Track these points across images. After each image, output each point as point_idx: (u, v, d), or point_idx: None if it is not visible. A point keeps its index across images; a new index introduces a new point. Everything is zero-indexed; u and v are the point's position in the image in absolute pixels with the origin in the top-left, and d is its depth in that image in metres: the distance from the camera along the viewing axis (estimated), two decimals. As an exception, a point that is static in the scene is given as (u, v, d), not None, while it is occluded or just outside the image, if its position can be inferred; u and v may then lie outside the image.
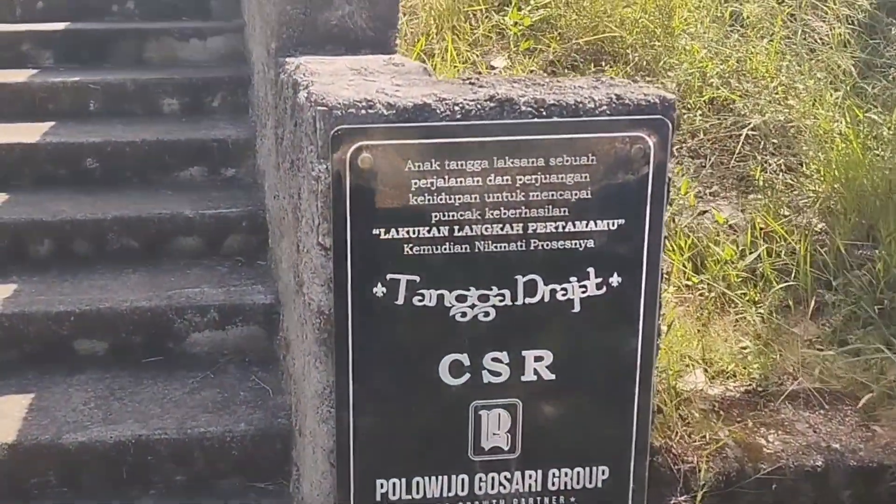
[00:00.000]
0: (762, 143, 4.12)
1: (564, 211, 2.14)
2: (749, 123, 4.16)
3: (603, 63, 4.46)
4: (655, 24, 4.54)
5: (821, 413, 2.95)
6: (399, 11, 2.97)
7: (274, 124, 2.99)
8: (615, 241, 2.17)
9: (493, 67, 4.40)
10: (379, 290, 2.15)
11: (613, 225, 2.16)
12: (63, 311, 3.19)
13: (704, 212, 3.83)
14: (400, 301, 2.16)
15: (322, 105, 2.07)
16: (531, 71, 4.33)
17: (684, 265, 3.45)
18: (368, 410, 2.23)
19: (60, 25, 4.73)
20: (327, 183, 2.08)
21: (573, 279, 2.19)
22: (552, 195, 2.12)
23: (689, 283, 3.44)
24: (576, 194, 2.13)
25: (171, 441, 2.82)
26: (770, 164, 4.04)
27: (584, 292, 2.20)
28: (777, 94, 4.32)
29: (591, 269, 2.19)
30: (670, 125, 2.11)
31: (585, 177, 2.12)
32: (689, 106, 4.27)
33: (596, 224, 2.16)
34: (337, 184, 2.07)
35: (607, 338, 2.26)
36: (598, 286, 2.20)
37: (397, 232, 2.11)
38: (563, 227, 2.15)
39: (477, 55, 4.45)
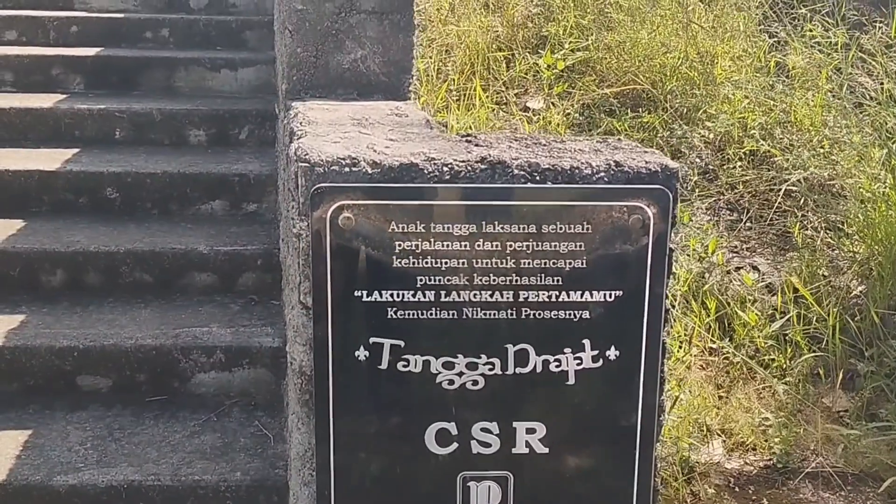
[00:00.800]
0: (803, 199, 3.96)
1: (557, 280, 2.02)
2: (790, 178, 3.99)
3: (640, 109, 4.34)
4: (696, 72, 4.40)
5: (841, 495, 2.77)
6: (413, 57, 2.89)
7: (282, 167, 2.93)
8: (612, 313, 2.05)
9: (527, 109, 4.29)
10: (361, 353, 2.05)
11: (610, 296, 2.04)
12: (67, 345, 3.15)
13: (739, 268, 3.67)
14: (383, 366, 2.06)
15: (304, 161, 1.98)
16: (567, 114, 4.21)
17: (710, 327, 3.29)
18: (351, 477, 2.13)
19: (92, 51, 4.73)
20: (308, 241, 1.99)
21: (567, 350, 2.07)
22: (544, 263, 2.01)
23: (714, 346, 3.28)
24: (570, 263, 2.01)
25: (164, 488, 2.75)
26: (810, 222, 3.87)
27: (578, 364, 2.08)
28: (821, 148, 4.15)
29: (586, 341, 2.07)
30: (671, 195, 1.99)
31: (580, 245, 2.01)
32: (728, 157, 4.12)
33: (591, 295, 2.04)
34: (317, 243, 1.98)
35: (604, 412, 2.13)
36: (595, 359, 2.08)
37: (380, 295, 2.01)
38: (557, 297, 2.03)
39: (513, 96, 4.35)
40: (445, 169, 1.99)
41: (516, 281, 2.02)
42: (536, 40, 4.60)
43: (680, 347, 3.23)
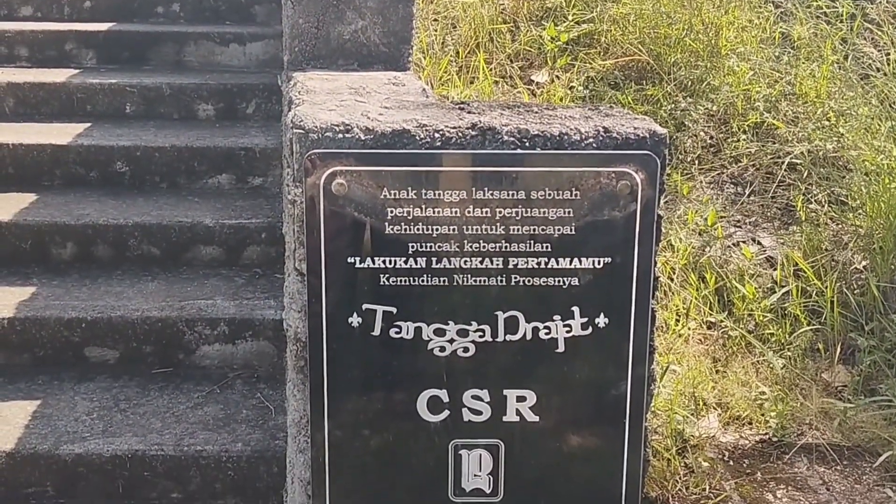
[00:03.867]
0: (807, 172, 3.93)
1: (547, 246, 2.04)
2: (794, 151, 3.97)
3: (644, 82, 4.33)
4: (701, 44, 4.37)
5: (837, 469, 2.76)
6: (413, 28, 2.90)
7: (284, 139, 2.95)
8: (601, 281, 2.07)
9: (531, 82, 4.29)
10: (355, 319, 2.08)
11: (599, 263, 2.06)
12: (75, 317, 3.18)
13: (741, 242, 3.66)
14: (376, 332, 2.08)
15: (299, 128, 2.01)
16: (570, 87, 4.21)
17: (709, 300, 3.29)
18: (345, 444, 2.16)
19: (104, 26, 4.75)
20: (302, 207, 2.02)
21: (557, 318, 2.09)
22: (534, 230, 2.03)
23: (713, 320, 3.28)
24: (559, 229, 2.03)
25: (167, 457, 2.78)
26: (814, 195, 3.85)
27: (568, 332, 2.10)
28: (826, 121, 4.12)
29: (575, 309, 2.09)
30: (658, 161, 2.00)
31: (569, 212, 2.02)
32: (732, 130, 4.10)
33: (580, 262, 2.05)
34: (311, 209, 2.01)
35: (594, 381, 2.15)
36: (584, 326, 2.10)
37: (373, 261, 2.04)
38: (546, 264, 2.05)
39: (517, 69, 4.35)
40: (437, 135, 2.01)
41: (506, 248, 2.04)
42: (541, 13, 4.58)
43: (678, 321, 3.24)
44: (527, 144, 2.00)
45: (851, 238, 3.70)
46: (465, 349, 2.10)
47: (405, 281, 2.05)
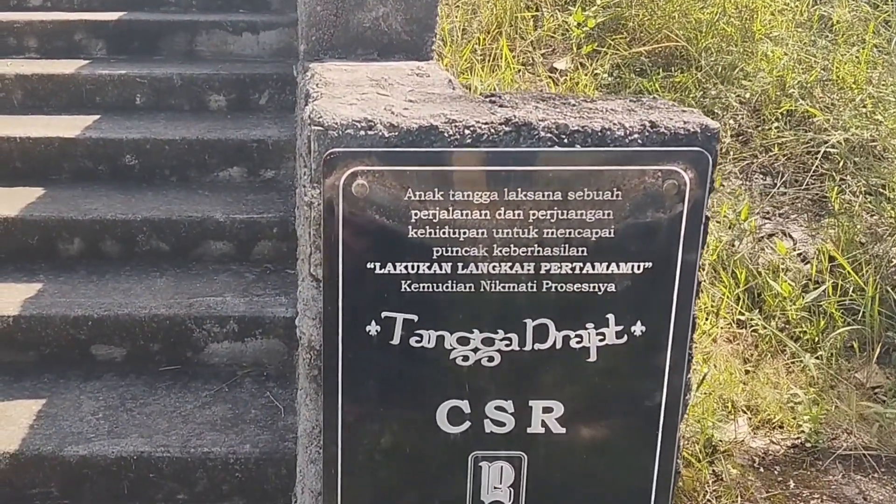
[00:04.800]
0: (842, 161, 3.76)
1: (583, 251, 1.91)
2: (830, 139, 3.81)
3: (672, 68, 4.17)
4: (734, 28, 4.20)
5: (874, 477, 2.61)
6: (437, 15, 2.76)
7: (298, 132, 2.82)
8: (640, 286, 1.94)
9: (554, 69, 4.14)
10: (373, 328, 1.95)
11: (639, 268, 1.92)
12: (81, 315, 3.09)
13: (772, 235, 3.51)
14: (395, 341, 1.96)
15: (317, 125, 1.88)
16: (595, 75, 4.06)
17: (740, 297, 3.14)
18: (358, 456, 2.05)
19: (114, 15, 4.64)
20: (319, 210, 1.89)
21: (590, 326, 1.96)
22: (569, 233, 1.90)
23: (743, 318, 3.13)
24: (596, 233, 1.90)
25: (173, 459, 2.70)
26: (849, 186, 3.68)
27: (601, 340, 1.97)
28: (864, 108, 3.95)
29: (610, 316, 1.96)
30: (710, 158, 1.86)
31: (608, 214, 1.89)
32: (764, 118, 3.94)
33: (618, 267, 1.92)
34: (329, 212, 1.88)
35: (627, 392, 2.02)
36: (619, 335, 1.97)
37: (394, 267, 1.91)
38: (581, 269, 1.92)
39: (540, 56, 4.20)
40: (467, 132, 1.87)
41: (538, 252, 1.91)
42: (565, -2, 4.44)
43: (706, 319, 3.09)
44: (565, 141, 1.87)
45: (889, 231, 3.53)
46: (490, 358, 1.98)
47: (428, 287, 1.92)
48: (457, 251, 1.90)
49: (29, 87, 4.18)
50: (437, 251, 1.90)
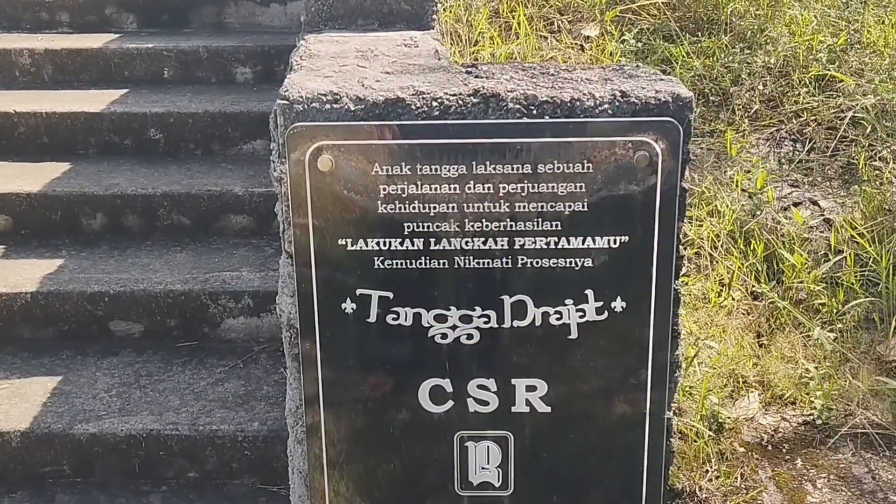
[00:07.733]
0: (871, 127, 3.60)
1: (556, 225, 1.85)
2: (859, 104, 3.65)
3: (700, 33, 4.03)
4: (761, -10, 4.05)
5: (885, 456, 2.49)
6: (439, -18, 2.70)
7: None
8: (618, 261, 1.87)
9: (581, 37, 4.04)
10: (348, 306, 1.92)
11: (615, 242, 1.86)
12: (98, 291, 3.11)
13: (798, 204, 3.38)
14: (372, 319, 1.93)
15: (283, 98, 1.86)
16: (623, 41, 3.96)
17: (758, 269, 3.03)
18: (342, 436, 2.02)
19: (145, -13, 4.66)
20: (287, 185, 1.86)
21: (569, 302, 1.90)
22: (541, 206, 1.83)
23: (758, 290, 3.01)
24: (569, 206, 1.83)
25: (182, 437, 2.70)
26: (879, 152, 3.52)
27: (581, 317, 1.91)
28: (894, 72, 3.78)
29: (589, 292, 1.89)
30: (681, 129, 1.78)
31: (581, 187, 1.82)
32: (792, 83, 3.79)
33: (594, 241, 1.86)
34: (297, 187, 1.85)
35: (611, 369, 1.96)
36: (599, 311, 1.90)
37: (366, 243, 1.88)
38: (556, 244, 1.86)
39: (566, 23, 4.10)
40: (435, 104, 1.82)
41: (511, 227, 1.85)
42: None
43: (720, 293, 2.99)
44: (534, 112, 1.80)
45: (917, 199, 3.38)
46: (470, 336, 1.93)
47: (401, 264, 1.88)
48: (428, 226, 1.85)
49: (59, 62, 4.23)
50: (409, 227, 1.86)
